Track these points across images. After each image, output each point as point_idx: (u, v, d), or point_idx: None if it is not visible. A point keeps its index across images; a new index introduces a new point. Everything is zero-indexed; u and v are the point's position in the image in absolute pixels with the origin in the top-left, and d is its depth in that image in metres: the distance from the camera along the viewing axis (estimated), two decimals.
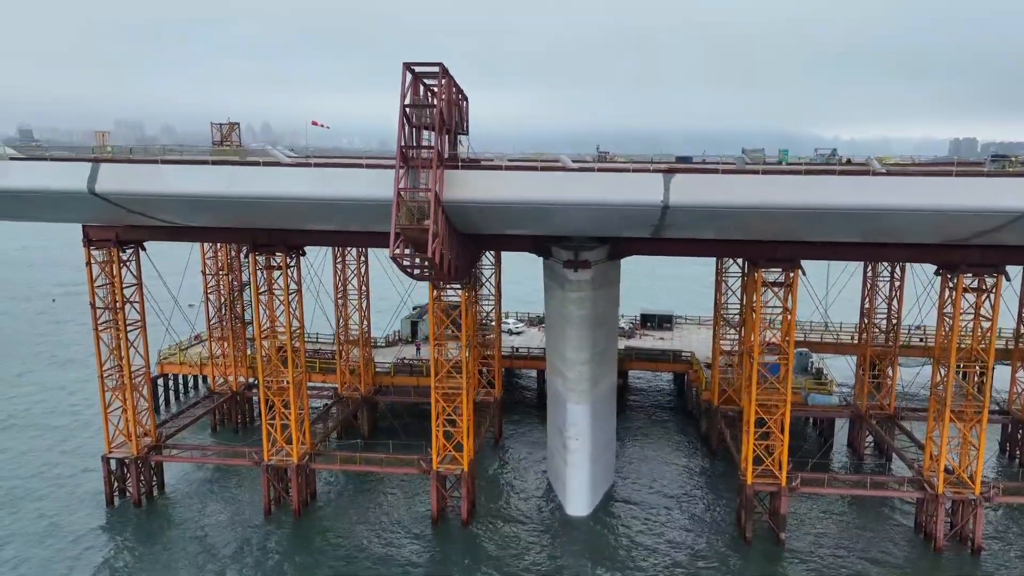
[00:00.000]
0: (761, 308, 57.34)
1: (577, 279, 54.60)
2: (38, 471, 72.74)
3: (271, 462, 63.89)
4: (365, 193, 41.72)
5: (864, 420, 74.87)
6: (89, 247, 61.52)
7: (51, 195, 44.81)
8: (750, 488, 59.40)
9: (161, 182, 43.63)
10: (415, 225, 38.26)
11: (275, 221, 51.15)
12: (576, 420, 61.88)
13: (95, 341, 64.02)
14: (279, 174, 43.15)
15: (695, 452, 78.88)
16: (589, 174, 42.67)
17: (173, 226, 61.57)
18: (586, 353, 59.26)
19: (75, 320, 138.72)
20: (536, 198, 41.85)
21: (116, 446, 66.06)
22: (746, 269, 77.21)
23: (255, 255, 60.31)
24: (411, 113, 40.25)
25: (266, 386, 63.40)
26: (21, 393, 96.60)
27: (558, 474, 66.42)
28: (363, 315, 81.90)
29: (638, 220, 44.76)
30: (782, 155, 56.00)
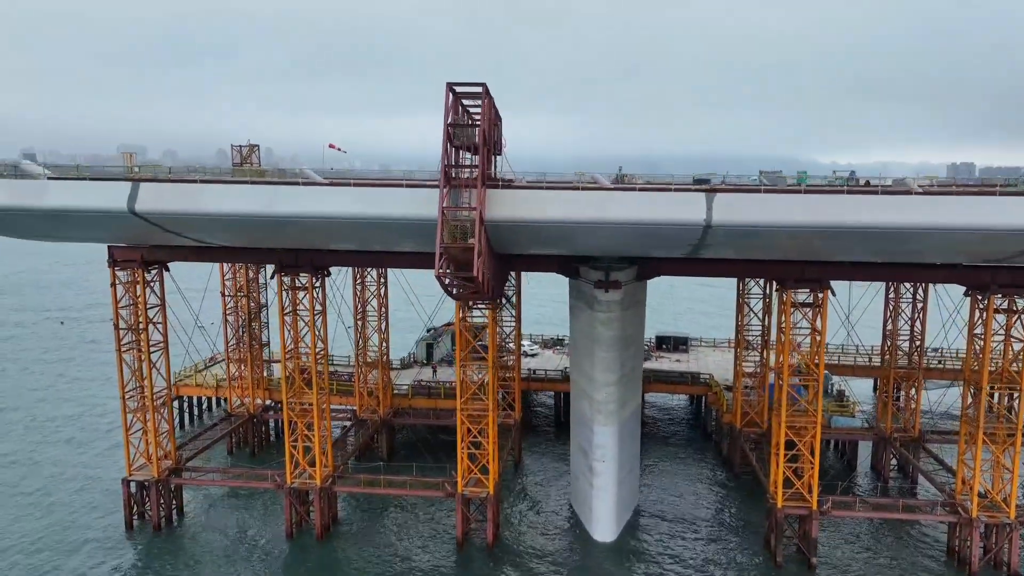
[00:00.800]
0: (790, 329, 56.99)
1: (607, 299, 54.40)
2: (56, 493, 71.96)
3: (294, 485, 63.18)
4: (408, 212, 41.69)
5: (889, 443, 74.20)
6: (114, 267, 61.40)
7: (90, 214, 44.79)
8: (780, 511, 58.68)
9: (201, 201, 43.61)
10: (459, 244, 38.15)
11: (308, 241, 51.07)
12: (603, 442, 61.30)
13: (118, 362, 63.60)
14: (323, 193, 43.17)
15: (717, 474, 78.11)
16: (632, 193, 42.68)
17: (198, 246, 61.63)
18: (615, 374, 58.88)
19: (85, 341, 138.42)
20: (579, 217, 41.81)
21: (136, 468, 65.38)
22: (766, 291, 77.28)
23: (280, 275, 60.21)
24: (453, 132, 40.30)
25: (290, 407, 62.89)
26: (41, 414, 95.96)
27: (583, 498, 65.66)
28: (382, 337, 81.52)
29: (678, 239, 44.68)
30: (801, 177, 56.07)
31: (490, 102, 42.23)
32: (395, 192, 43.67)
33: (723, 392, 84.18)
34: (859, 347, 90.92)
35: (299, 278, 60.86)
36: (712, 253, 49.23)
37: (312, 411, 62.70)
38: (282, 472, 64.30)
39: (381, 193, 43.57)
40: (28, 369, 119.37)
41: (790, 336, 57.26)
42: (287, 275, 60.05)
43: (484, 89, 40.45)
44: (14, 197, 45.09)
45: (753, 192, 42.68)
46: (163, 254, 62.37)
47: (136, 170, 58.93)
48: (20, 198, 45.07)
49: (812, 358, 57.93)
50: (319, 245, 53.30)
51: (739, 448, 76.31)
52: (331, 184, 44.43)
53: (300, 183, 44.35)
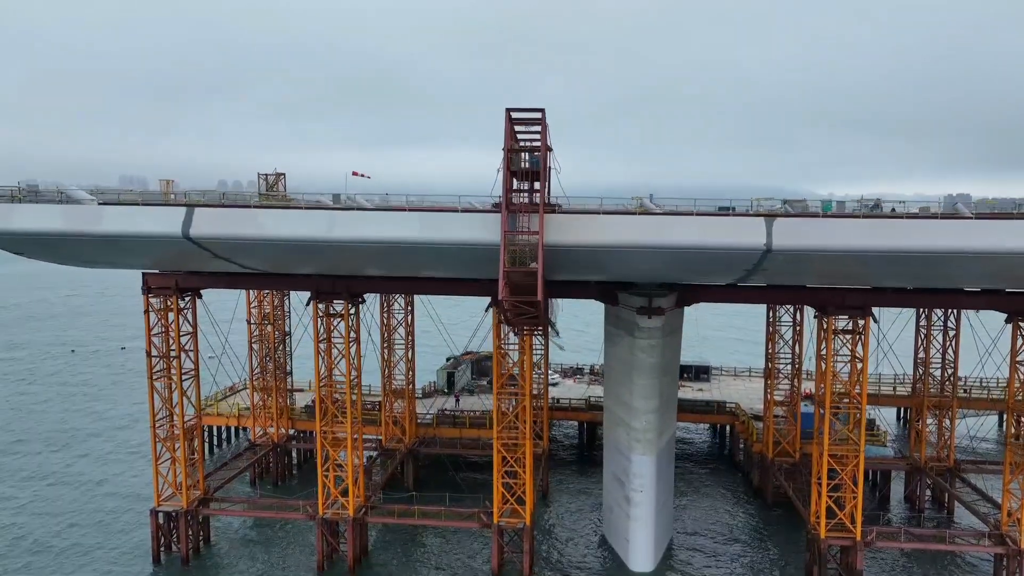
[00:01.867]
0: (832, 357, 56.55)
1: (649, 326, 54.07)
2: (82, 523, 70.85)
3: (326, 515, 62.17)
4: (468, 237, 41.65)
5: (924, 472, 73.31)
6: (148, 294, 61.08)
7: (144, 239, 44.67)
8: (824, 542, 57.69)
9: (256, 226, 43.49)
10: (522, 268, 37.99)
11: (359, 267, 50.86)
12: (641, 472, 60.50)
13: (149, 390, 62.99)
14: (383, 219, 43.10)
15: (749, 504, 77.03)
16: (691, 218, 42.68)
17: (232, 274, 61.45)
18: (654, 402, 58.33)
19: (97, 371, 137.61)
20: (638, 241, 41.72)
21: (164, 499, 64.36)
22: (796, 319, 77.00)
23: (316, 303, 59.94)
24: (511, 158, 40.39)
25: (323, 437, 62.14)
26: (61, 442, 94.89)
27: (617, 528, 64.62)
28: (409, 365, 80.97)
29: (734, 264, 44.58)
30: (825, 205, 56.08)
31: (546, 127, 42.33)
32: (456, 217, 43.66)
33: (752, 421, 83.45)
34: (881, 375, 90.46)
35: (334, 305, 60.70)
36: (760, 279, 49.06)
37: (345, 441, 62.01)
38: (313, 502, 63.37)
39: (442, 218, 43.50)
40: (49, 398, 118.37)
41: (831, 364, 56.82)
42: (323, 302, 59.85)
43: (542, 114, 40.63)
44: (69, 223, 44.99)
45: (812, 217, 42.69)
46: (197, 281, 62.14)
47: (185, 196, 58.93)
48: (75, 223, 44.97)
49: (852, 386, 57.46)
50: (370, 271, 53.08)
51: (772, 478, 75.36)
52: (389, 209, 44.35)
53: (356, 208, 44.26)
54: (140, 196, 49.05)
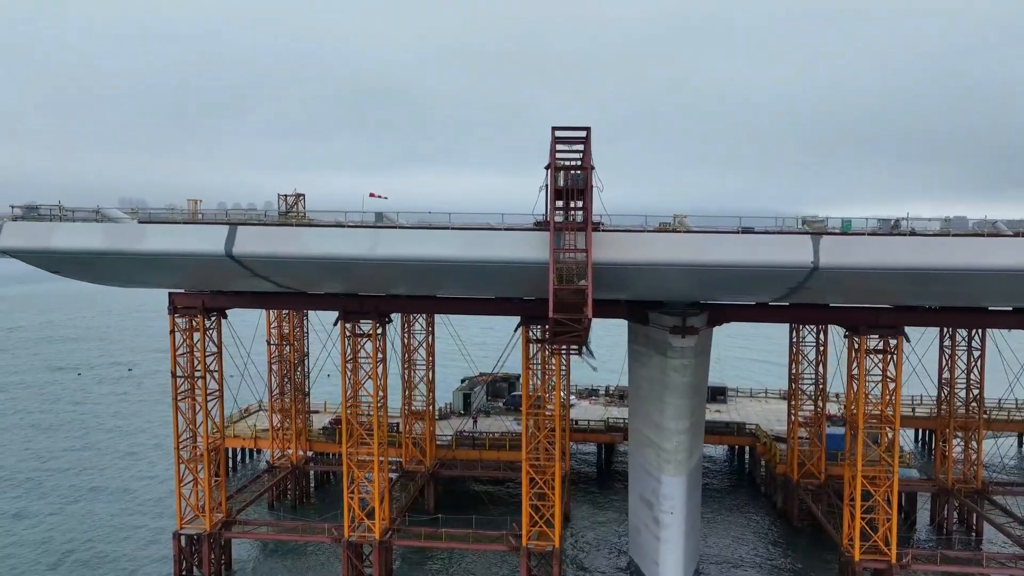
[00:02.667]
0: (864, 377, 56.22)
1: (682, 345, 53.76)
2: (101, 546, 69.93)
3: (352, 538, 61.36)
4: (515, 255, 41.52)
5: (951, 494, 72.63)
6: (174, 314, 60.78)
7: (187, 258, 44.48)
8: (858, 565, 56.94)
9: (300, 244, 43.32)
10: (571, 286, 37.83)
11: (397, 285, 50.57)
12: (671, 493, 59.84)
13: (174, 411, 62.47)
14: (427, 237, 42.94)
15: (774, 527, 76.15)
16: (737, 236, 42.62)
17: (259, 293, 61.21)
18: (685, 422, 57.86)
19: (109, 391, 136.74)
20: (685, 259, 41.61)
21: (187, 521, 63.53)
22: (819, 339, 76.73)
23: (344, 323, 59.64)
24: (557, 176, 40.41)
25: (349, 458, 61.51)
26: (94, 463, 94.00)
27: (646, 550, 63.79)
28: (429, 386, 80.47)
29: (776, 282, 44.44)
30: (845, 225, 56.07)
31: (590, 145, 42.36)
32: (500, 235, 43.55)
33: (774, 443, 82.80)
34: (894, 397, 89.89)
35: (360, 325, 60.36)
36: (800, 298, 48.85)
37: (370, 463, 61.39)
38: (337, 525, 62.61)
39: (486, 236, 43.38)
40: (65, 421, 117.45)
41: (864, 384, 56.47)
42: (350, 322, 59.55)
43: (587, 132, 40.70)
44: (110, 241, 44.80)
45: (857, 236, 42.71)
46: (224, 301, 61.90)
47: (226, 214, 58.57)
48: (117, 242, 44.77)
49: (884, 406, 57.08)
50: (406, 290, 52.79)
51: (797, 500, 74.62)
52: (431, 228, 44.21)
53: (398, 226, 44.15)
54: (179, 215, 48.88)
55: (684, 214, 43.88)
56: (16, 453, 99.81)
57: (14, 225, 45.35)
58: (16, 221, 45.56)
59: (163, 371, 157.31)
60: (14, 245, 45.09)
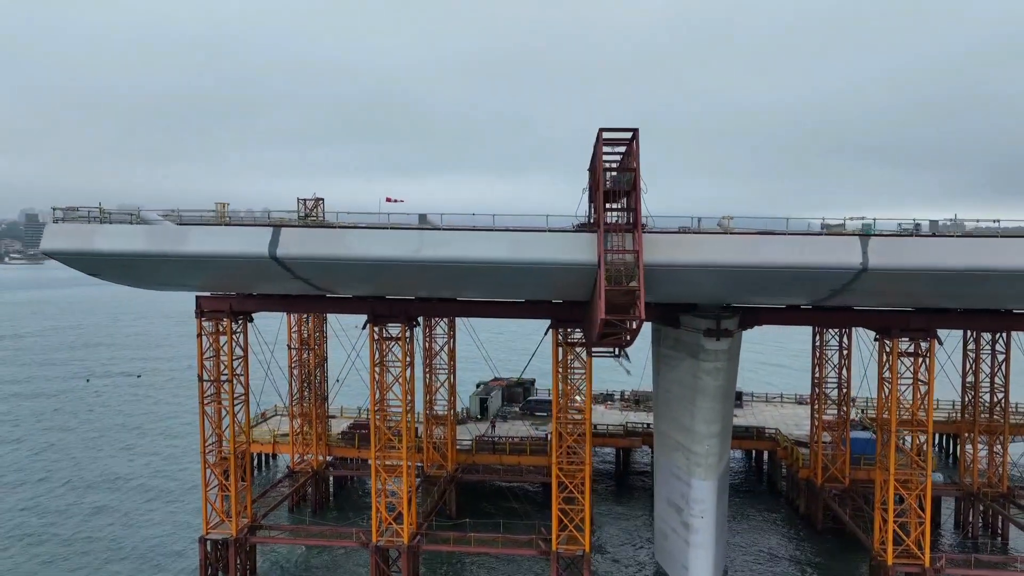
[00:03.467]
0: (896, 380, 56.05)
1: (716, 348, 53.61)
2: (126, 552, 69.58)
3: (379, 543, 61.00)
4: (562, 257, 41.40)
5: (976, 498, 72.44)
6: (201, 318, 60.51)
7: (231, 260, 44.25)
8: (892, 569, 56.67)
9: (344, 246, 43.09)
10: (621, 287, 37.69)
11: (438, 288, 50.33)
12: (702, 497, 59.60)
13: (200, 416, 62.15)
14: (472, 238, 42.75)
15: (798, 531, 75.86)
16: (785, 237, 42.58)
17: (288, 296, 61.04)
18: (717, 425, 57.68)
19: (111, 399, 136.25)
20: (734, 261, 41.55)
21: (213, 526, 63.14)
22: (842, 343, 76.56)
23: (373, 326, 59.43)
24: (603, 177, 40.30)
25: (377, 463, 61.21)
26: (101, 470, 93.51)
27: (675, 555, 63.49)
28: (451, 391, 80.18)
29: (821, 284, 44.33)
30: (867, 228, 55.97)
31: (639, 146, 42.26)
32: (548, 237, 43.40)
33: (795, 447, 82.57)
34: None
35: (388, 329, 60.14)
36: (839, 300, 48.70)
37: (398, 467, 61.11)
38: (364, 530, 62.31)
39: (533, 238, 43.22)
40: (87, 424, 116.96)
41: (897, 387, 56.30)
42: (378, 325, 59.34)
43: (635, 134, 40.62)
44: (153, 243, 44.56)
45: (906, 237, 42.68)
46: (251, 304, 61.69)
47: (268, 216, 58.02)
48: (159, 244, 44.54)
49: (916, 410, 56.94)
50: (448, 293, 52.54)
51: (821, 504, 74.38)
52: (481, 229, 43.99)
53: (443, 228, 44.03)
54: (217, 218, 48.63)
55: (730, 215, 43.82)
56: (40, 462, 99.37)
57: (57, 227, 45.12)
58: (58, 223, 45.34)
59: (167, 376, 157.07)
60: (57, 247, 44.87)
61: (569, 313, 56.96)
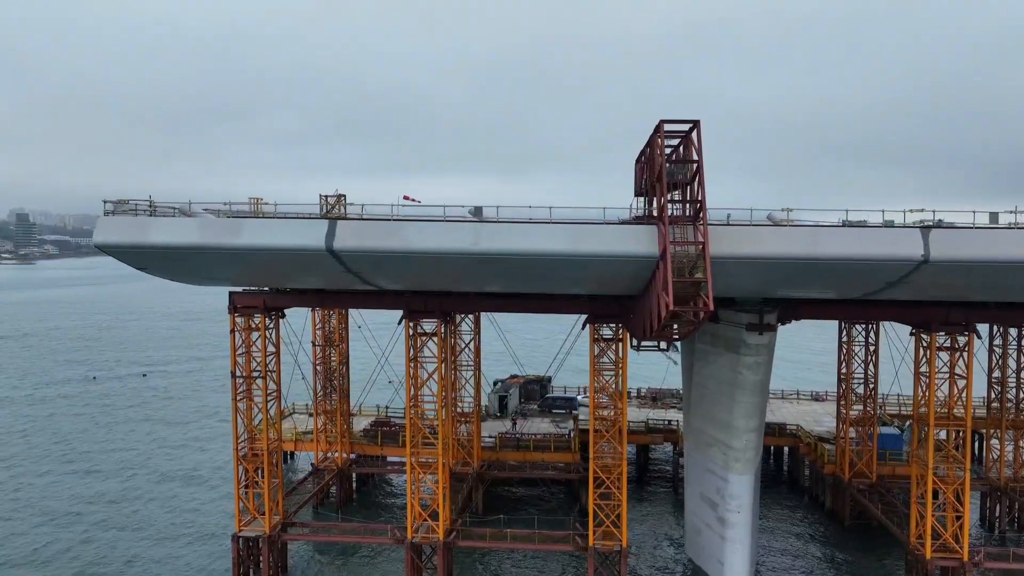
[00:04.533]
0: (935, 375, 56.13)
1: (758, 343, 53.59)
2: (161, 551, 69.16)
3: (415, 539, 60.72)
4: (623, 249, 41.29)
5: (1004, 493, 72.75)
6: (234, 314, 60.15)
7: (285, 253, 43.86)
8: (931, 563, 56.76)
9: (402, 239, 42.76)
10: (688, 279, 37.57)
11: (488, 282, 50.02)
12: (739, 492, 59.58)
13: (233, 413, 61.78)
14: (532, 231, 42.51)
15: (825, 526, 75.92)
16: (843, 229, 42.60)
17: (322, 292, 60.73)
18: (756, 420, 57.72)
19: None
20: (796, 253, 41.54)
21: (245, 524, 62.72)
22: (868, 337, 76.69)
23: (408, 322, 59.19)
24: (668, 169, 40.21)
25: (413, 459, 60.97)
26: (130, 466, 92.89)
27: (709, 551, 63.43)
28: (478, 387, 79.93)
29: (877, 277, 44.30)
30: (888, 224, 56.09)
31: (694, 138, 42.14)
32: (608, 229, 43.27)
33: (819, 443, 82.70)
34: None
35: (421, 325, 59.90)
36: (890, 293, 48.67)
37: (433, 464, 60.87)
38: (398, 526, 62.11)
39: (593, 230, 43.05)
40: (118, 422, 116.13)
41: (934, 382, 56.39)
42: (413, 320, 59.10)
43: (695, 125, 40.51)
44: (207, 236, 44.13)
45: (966, 229, 42.75)
46: (284, 300, 61.34)
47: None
48: (214, 237, 44.12)
49: (952, 405, 57.06)
50: (499, 287, 52.17)
51: (849, 500, 74.49)
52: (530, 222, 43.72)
53: (498, 221, 43.74)
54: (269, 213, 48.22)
55: (788, 207, 43.79)
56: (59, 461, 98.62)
57: (110, 221, 44.61)
58: (110, 216, 44.83)
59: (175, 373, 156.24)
60: (110, 240, 44.35)
61: (606, 309, 56.95)
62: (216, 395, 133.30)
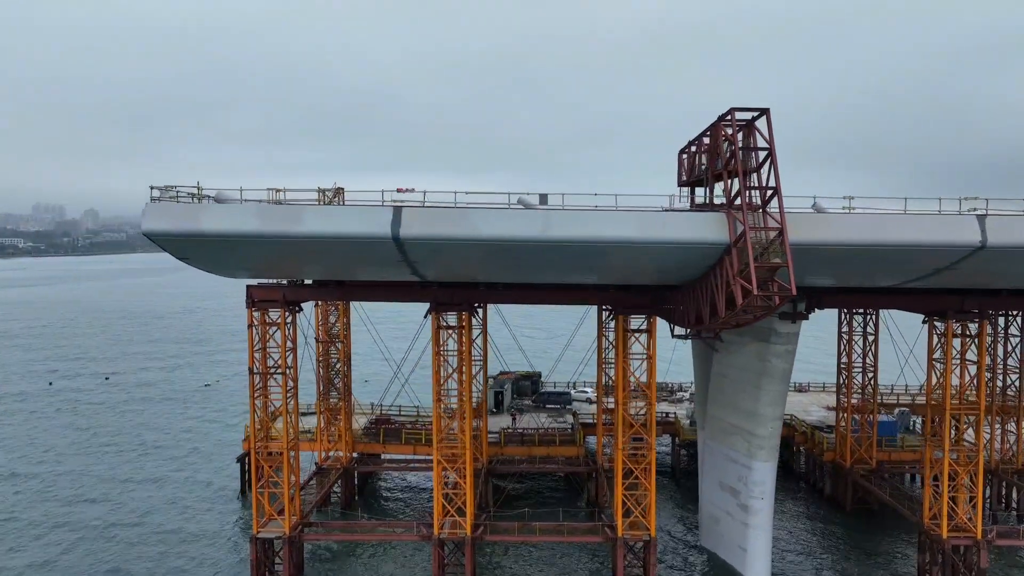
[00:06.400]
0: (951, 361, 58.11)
1: (789, 331, 54.59)
2: (183, 551, 66.88)
3: (442, 535, 59.91)
4: (694, 236, 41.44)
5: (994, 475, 75.89)
6: (252, 308, 58.36)
7: (348, 241, 42.42)
8: (947, 542, 58.71)
9: (470, 226, 41.86)
10: (768, 263, 37.88)
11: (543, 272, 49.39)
12: (762, 479, 60.63)
13: (251, 410, 59.98)
14: (601, 218, 42.14)
15: (827, 512, 77.74)
16: (906, 216, 43.61)
17: (344, 284, 59.55)
18: (780, 408, 58.86)
19: None
20: (862, 240, 42.35)
21: (262, 525, 60.89)
22: (867, 325, 78.87)
23: (436, 315, 58.43)
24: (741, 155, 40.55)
25: (440, 454, 60.19)
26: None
27: (729, 538, 64.32)
28: (485, 382, 79.34)
29: (927, 263, 45.52)
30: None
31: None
32: (679, 216, 43.29)
33: (814, 431, 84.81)
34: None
35: (444, 317, 59.20)
36: (928, 282, 50.07)
37: (460, 458, 60.22)
38: (421, 523, 61.28)
39: (663, 217, 42.98)
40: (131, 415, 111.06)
41: (950, 368, 58.37)
42: (440, 313, 58.38)
43: (765, 112, 40.83)
44: (267, 223, 42.30)
45: (1019, 217, 44.29)
46: (304, 293, 59.87)
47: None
48: (274, 224, 42.26)
49: (962, 391, 59.11)
50: (553, 278, 51.64)
51: (851, 485, 76.58)
52: (596, 209, 43.40)
53: (564, 208, 43.32)
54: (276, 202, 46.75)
55: (851, 195, 44.63)
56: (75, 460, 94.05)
57: (160, 207, 42.42)
58: (160, 203, 42.70)
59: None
60: (159, 228, 42.14)
61: (635, 300, 57.25)
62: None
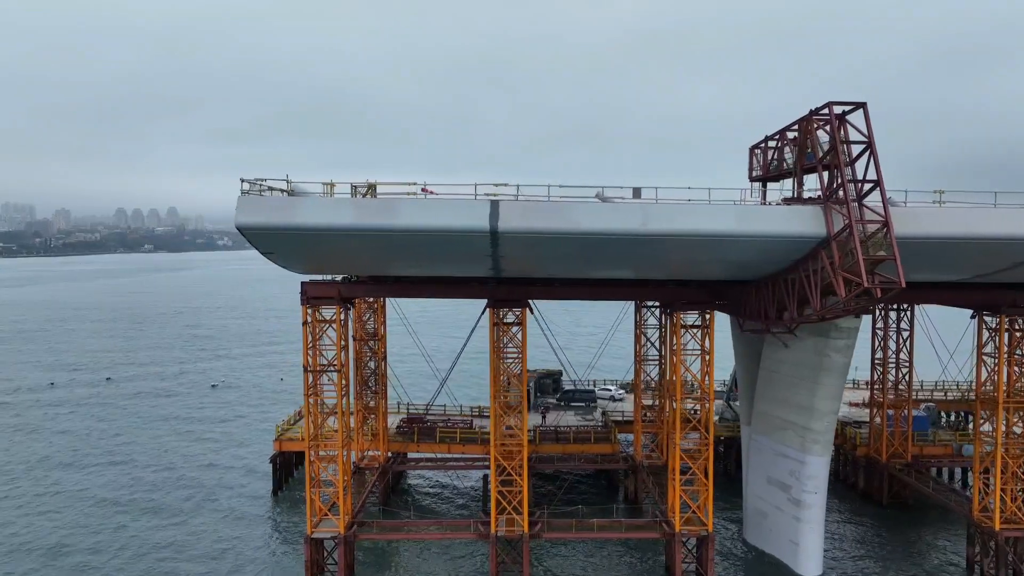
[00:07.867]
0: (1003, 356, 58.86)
1: (850, 326, 54.98)
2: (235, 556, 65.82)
3: (500, 533, 59.59)
4: (786, 229, 41.73)
5: None
6: (307, 305, 57.65)
7: (445, 234, 41.93)
8: (999, 535, 59.45)
9: (569, 219, 41.56)
10: (876, 256, 38.05)
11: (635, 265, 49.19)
12: (815, 473, 61.01)
13: (306, 410, 59.24)
14: (699, 211, 42.17)
15: (863, 507, 78.27)
16: (996, 209, 44.05)
17: (403, 279, 59.05)
18: (837, 402, 59.27)
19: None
20: (957, 233, 42.70)
21: (316, 525, 60.18)
22: (900, 321, 79.66)
23: (493, 310, 58.18)
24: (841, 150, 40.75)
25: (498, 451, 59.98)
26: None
27: (779, 533, 64.61)
28: (524, 379, 78.77)
29: (1013, 256, 45.94)
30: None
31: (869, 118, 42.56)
32: (776, 210, 43.45)
33: (849, 427, 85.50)
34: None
35: (498, 314, 58.99)
36: (1001, 277, 50.57)
37: (518, 455, 60.03)
38: (478, 520, 61.02)
39: (761, 211, 43.12)
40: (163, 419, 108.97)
41: (1002, 363, 59.13)
42: (498, 309, 58.18)
43: (860, 106, 41.05)
44: (363, 216, 41.68)
45: None
46: (360, 290, 59.30)
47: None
48: (371, 217, 41.68)
49: (1000, 385, 59.81)
50: (630, 274, 51.41)
51: (887, 480, 77.33)
52: (690, 202, 43.40)
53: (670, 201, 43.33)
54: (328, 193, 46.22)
55: (941, 190, 44.93)
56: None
57: (251, 200, 41.66)
58: (253, 196, 41.94)
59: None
60: (252, 221, 41.42)
61: (693, 295, 57.42)
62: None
